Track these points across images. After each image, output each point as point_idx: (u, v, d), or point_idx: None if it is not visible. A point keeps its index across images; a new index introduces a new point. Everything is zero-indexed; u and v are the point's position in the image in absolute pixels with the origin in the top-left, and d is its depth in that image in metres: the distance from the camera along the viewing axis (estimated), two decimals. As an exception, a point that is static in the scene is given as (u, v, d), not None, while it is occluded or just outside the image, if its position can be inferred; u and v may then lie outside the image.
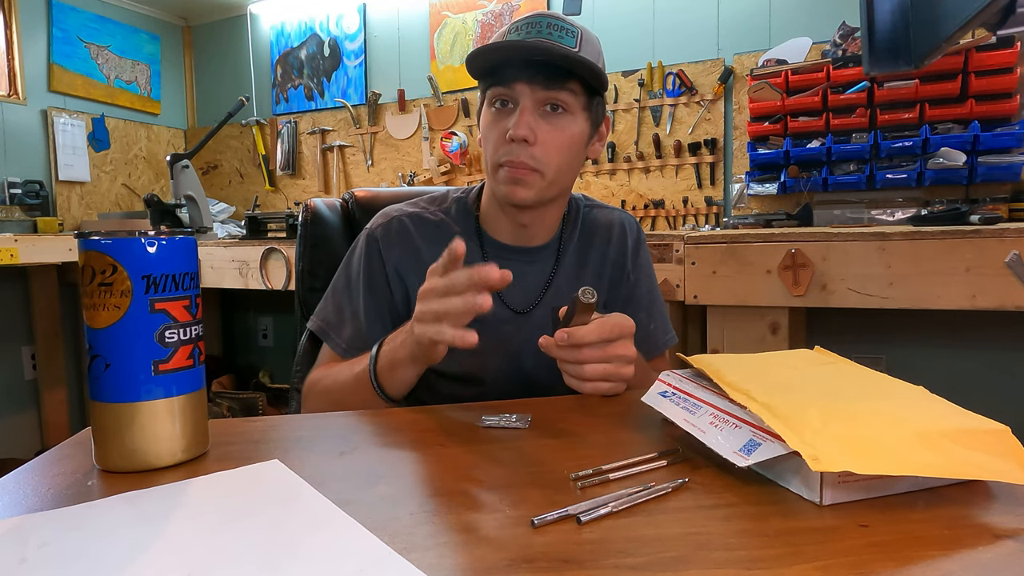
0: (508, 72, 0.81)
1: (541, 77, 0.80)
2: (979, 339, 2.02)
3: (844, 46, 2.12)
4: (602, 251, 0.97)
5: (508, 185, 0.84)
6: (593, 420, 0.66)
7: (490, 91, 0.84)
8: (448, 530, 0.42)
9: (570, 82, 0.82)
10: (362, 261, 0.91)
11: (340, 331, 0.90)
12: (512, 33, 0.82)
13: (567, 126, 0.83)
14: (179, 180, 2.57)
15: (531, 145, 0.81)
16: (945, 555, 0.38)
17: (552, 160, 0.83)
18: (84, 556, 0.39)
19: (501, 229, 0.92)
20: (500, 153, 0.83)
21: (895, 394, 0.55)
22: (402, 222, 0.91)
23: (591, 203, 1.02)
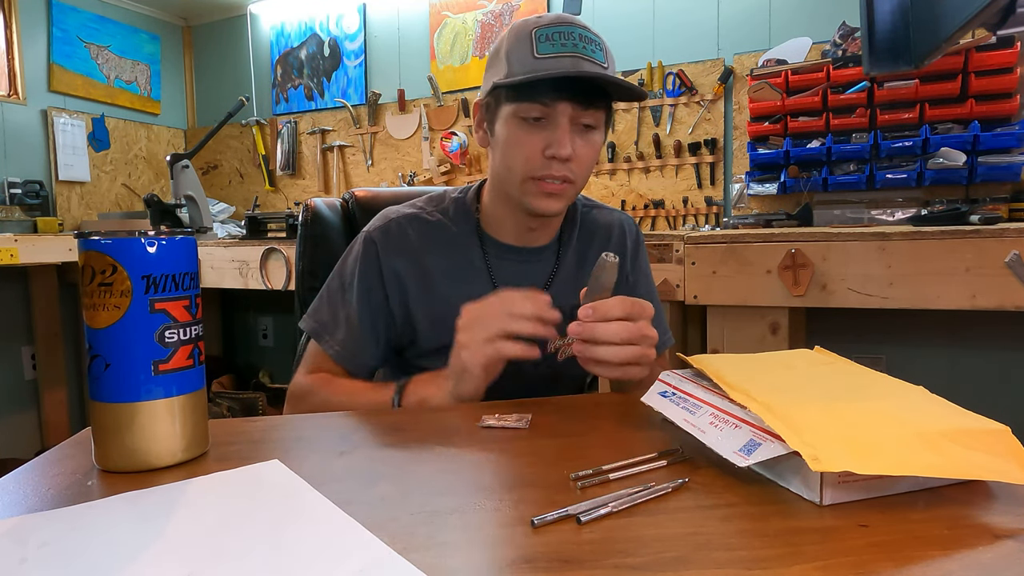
0: (547, 90, 0.80)
1: (582, 98, 0.81)
2: (979, 339, 2.02)
3: (844, 46, 2.12)
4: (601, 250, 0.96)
5: (542, 198, 0.84)
6: (593, 420, 0.66)
7: (520, 104, 0.81)
8: (448, 530, 0.42)
9: (603, 101, 0.83)
10: (359, 264, 0.91)
11: (334, 333, 0.90)
12: (543, 43, 0.80)
13: (596, 141, 0.85)
14: (179, 180, 2.57)
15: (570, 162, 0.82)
16: (945, 555, 0.38)
17: (583, 173, 0.85)
18: (84, 556, 0.39)
19: (505, 231, 0.92)
20: (535, 167, 0.82)
21: (895, 394, 0.55)
22: (400, 224, 0.91)
23: (590, 203, 1.02)
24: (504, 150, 0.85)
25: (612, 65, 0.84)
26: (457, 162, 2.88)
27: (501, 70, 0.82)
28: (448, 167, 2.94)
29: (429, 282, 0.90)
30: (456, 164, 2.90)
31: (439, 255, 0.90)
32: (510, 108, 0.82)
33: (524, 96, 0.81)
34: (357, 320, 0.89)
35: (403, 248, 0.90)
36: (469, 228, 0.93)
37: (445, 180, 2.96)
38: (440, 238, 0.91)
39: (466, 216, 0.94)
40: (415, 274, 0.90)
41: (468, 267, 0.91)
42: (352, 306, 0.90)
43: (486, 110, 0.88)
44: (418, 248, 0.90)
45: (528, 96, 0.80)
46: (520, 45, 0.81)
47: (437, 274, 0.90)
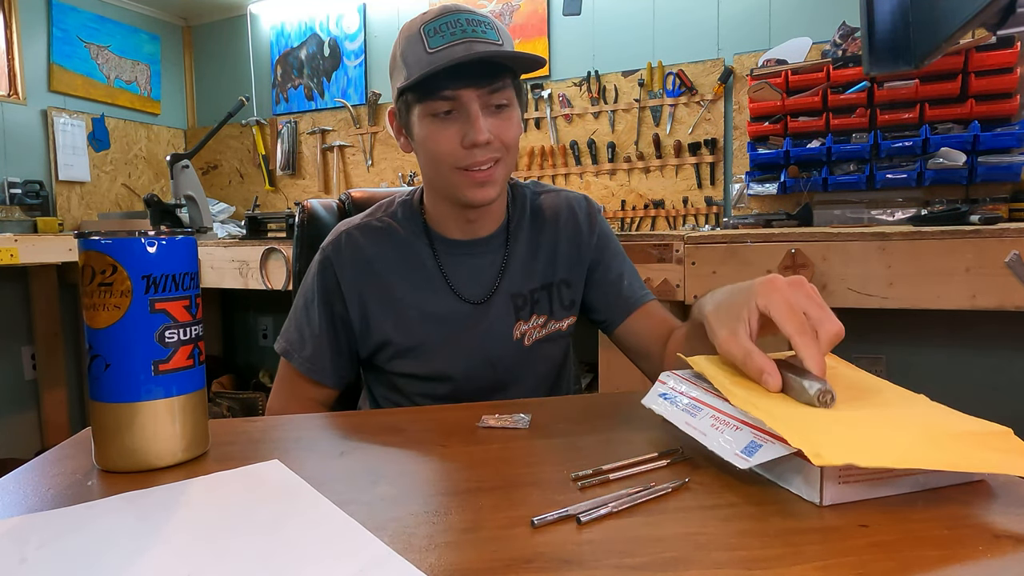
0: (446, 81, 0.79)
1: (483, 79, 0.80)
2: (979, 339, 2.02)
3: (844, 46, 2.12)
4: (553, 234, 0.98)
5: (475, 189, 0.84)
6: (593, 420, 0.66)
7: (427, 103, 0.82)
8: (448, 530, 0.42)
9: (507, 77, 0.83)
10: (316, 281, 0.93)
11: (301, 351, 0.92)
12: (432, 37, 0.79)
13: (512, 115, 0.85)
14: (179, 180, 2.57)
15: (490, 144, 0.82)
16: (945, 555, 0.38)
17: (508, 152, 0.85)
18: (84, 556, 0.39)
19: (449, 226, 0.94)
20: (459, 159, 0.83)
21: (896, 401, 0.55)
22: (351, 235, 0.93)
23: (540, 188, 1.03)
24: (425, 150, 0.86)
25: (507, 41, 0.83)
26: (457, 162, 2.88)
27: (401, 74, 0.83)
28: (448, 167, 2.94)
29: (385, 287, 0.92)
30: (456, 164, 2.90)
31: (391, 259, 0.93)
32: (419, 108, 0.83)
33: (428, 93, 0.81)
34: (321, 335, 0.91)
35: (355, 259, 0.92)
36: (417, 228, 0.94)
37: (445, 180, 2.95)
38: (390, 242, 0.93)
39: (413, 217, 0.95)
40: (371, 282, 0.92)
41: (420, 267, 0.93)
42: (316, 322, 0.92)
43: (399, 117, 0.89)
44: (370, 256, 0.92)
45: (431, 92, 0.81)
46: (412, 44, 0.81)
47: (392, 278, 0.92)
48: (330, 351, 0.92)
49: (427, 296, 0.91)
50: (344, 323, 0.92)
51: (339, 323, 0.92)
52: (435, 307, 0.92)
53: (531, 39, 2.76)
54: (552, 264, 0.97)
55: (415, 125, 0.85)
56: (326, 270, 0.92)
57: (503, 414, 0.65)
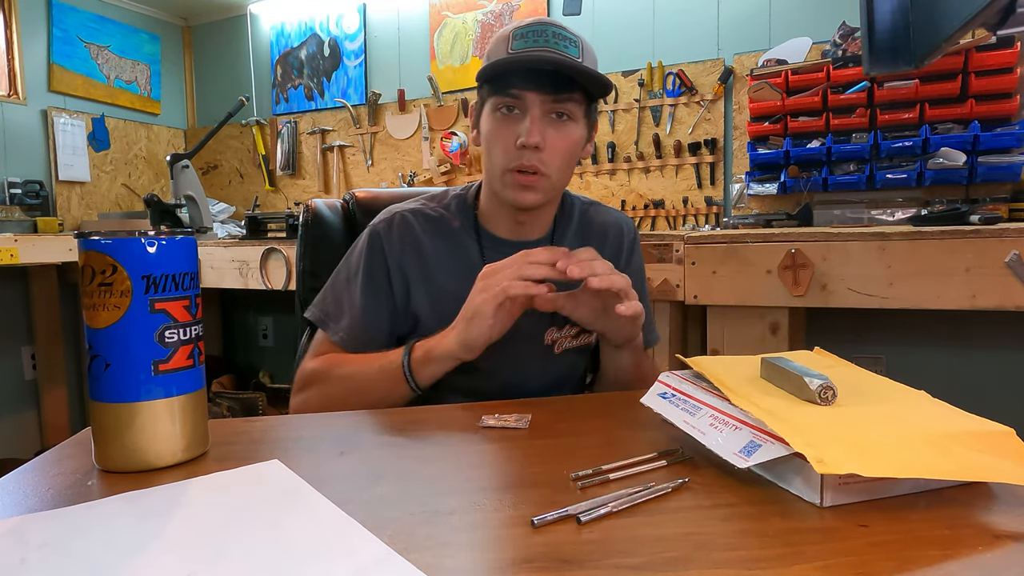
0: (517, 81, 0.84)
1: (550, 87, 0.84)
2: (979, 339, 2.02)
3: (844, 46, 2.12)
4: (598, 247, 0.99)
5: (515, 190, 0.88)
6: (593, 420, 0.66)
7: (496, 97, 0.87)
8: (448, 530, 0.42)
9: (575, 92, 0.85)
10: (363, 256, 0.95)
11: (339, 320, 0.93)
12: (517, 40, 0.84)
13: (571, 132, 0.87)
14: (179, 180, 2.57)
15: (540, 151, 0.85)
16: (945, 555, 0.38)
17: (556, 164, 0.87)
18: (84, 556, 0.39)
19: (499, 225, 0.96)
20: (510, 158, 0.86)
21: (897, 398, 0.55)
22: (404, 217, 0.96)
23: (590, 202, 1.06)
24: (486, 144, 0.90)
25: (590, 60, 0.86)
26: (457, 162, 2.88)
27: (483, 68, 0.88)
28: (448, 167, 2.94)
29: (429, 273, 0.94)
30: (456, 164, 2.90)
31: (439, 247, 0.95)
32: (490, 103, 0.88)
33: (497, 89, 0.86)
34: (361, 309, 0.93)
35: (406, 241, 0.94)
36: (468, 223, 0.97)
37: (445, 180, 2.96)
38: (441, 231, 0.95)
39: (465, 212, 0.98)
40: (417, 266, 0.94)
41: (466, 259, 0.94)
42: (357, 295, 0.93)
43: (477, 111, 0.94)
44: (420, 240, 0.94)
45: (501, 88, 0.86)
46: (499, 43, 0.87)
47: (437, 265, 0.94)
48: (368, 323, 0.93)
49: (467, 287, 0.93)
50: (387, 300, 0.93)
51: (383, 298, 0.93)
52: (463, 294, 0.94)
53: (531, 39, 2.75)
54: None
55: (484, 119, 0.90)
56: (375, 246, 0.94)
57: (503, 414, 0.65)
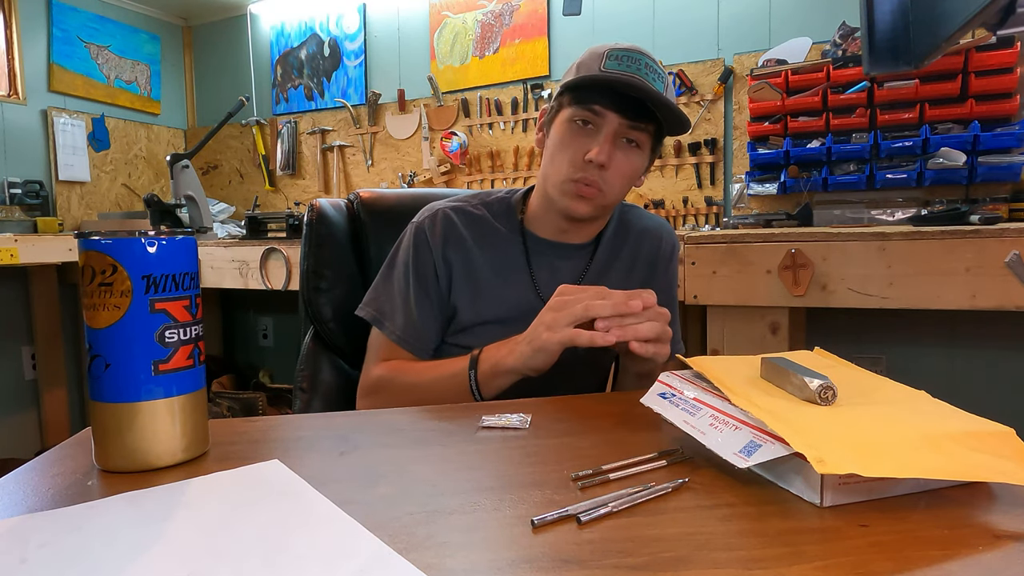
0: (601, 98, 0.87)
1: (631, 112, 0.87)
2: (979, 339, 2.02)
3: (844, 46, 2.12)
4: (634, 250, 1.03)
5: (571, 199, 0.91)
6: (593, 420, 0.66)
7: (575, 108, 0.89)
8: (448, 530, 0.42)
9: (652, 123, 0.89)
10: (410, 252, 0.97)
11: (393, 319, 0.96)
12: (611, 60, 0.87)
13: (635, 161, 0.91)
14: (179, 180, 2.57)
15: (605, 170, 0.88)
16: (945, 555, 0.38)
17: (615, 185, 0.91)
18: (84, 556, 0.39)
19: (545, 228, 0.99)
20: (575, 169, 0.89)
21: (897, 398, 0.55)
22: (447, 214, 0.98)
23: (631, 206, 1.09)
24: (553, 150, 0.92)
25: (671, 97, 0.89)
26: (457, 162, 2.88)
27: (570, 75, 0.91)
28: (448, 167, 2.94)
29: (471, 268, 0.96)
30: (456, 164, 2.90)
31: (482, 244, 0.98)
32: (567, 112, 0.90)
33: (580, 100, 0.89)
34: (415, 305, 0.95)
35: (449, 236, 0.97)
36: (512, 225, 1.00)
37: (445, 180, 2.96)
38: (483, 230, 0.98)
39: (509, 213, 1.01)
40: (460, 260, 0.96)
41: (508, 257, 0.98)
42: (409, 292, 0.96)
43: (549, 113, 0.96)
44: (463, 236, 0.97)
45: (583, 101, 0.88)
46: (592, 58, 0.89)
47: (479, 261, 0.96)
48: (421, 320, 0.95)
49: (507, 284, 0.96)
50: (436, 294, 0.96)
51: (432, 293, 0.96)
52: (512, 296, 0.96)
53: (531, 39, 2.76)
54: (626, 279, 1.01)
55: (556, 124, 0.92)
56: (419, 242, 0.97)
57: (503, 414, 0.65)
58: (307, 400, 1.09)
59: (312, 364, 1.11)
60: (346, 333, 1.11)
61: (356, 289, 1.12)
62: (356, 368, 1.13)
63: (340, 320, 1.11)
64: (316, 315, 1.11)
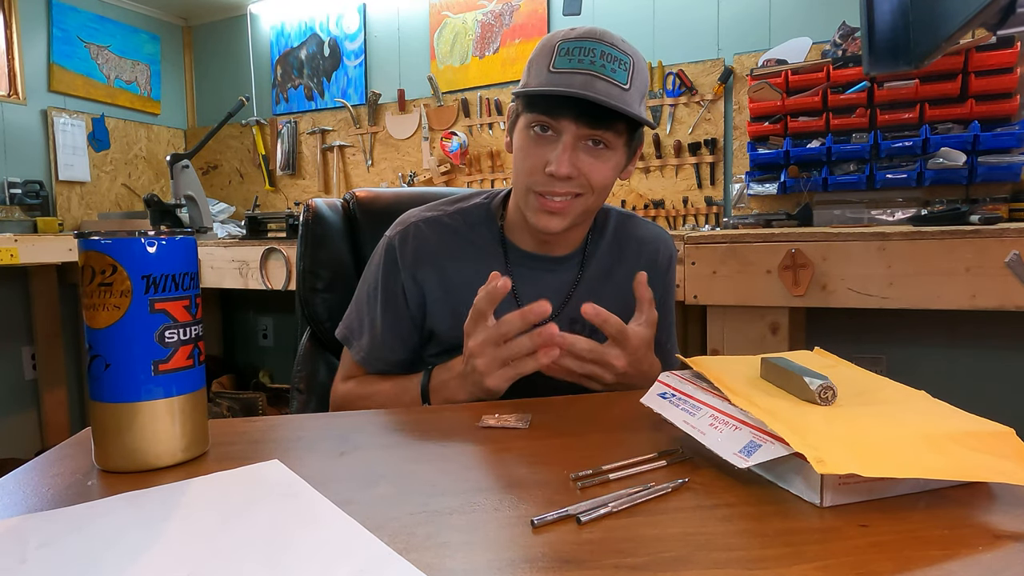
0: (553, 105, 0.79)
1: (587, 118, 0.79)
2: (979, 339, 2.02)
3: (844, 46, 2.12)
4: (632, 262, 0.96)
5: (540, 215, 0.84)
6: (593, 420, 0.66)
7: (529, 115, 0.82)
8: (448, 530, 0.42)
9: (616, 122, 0.80)
10: (380, 272, 0.92)
11: (360, 339, 0.92)
12: (561, 57, 0.78)
13: (607, 160, 0.83)
14: (179, 180, 2.58)
15: (573, 179, 0.81)
16: (945, 555, 0.38)
17: (593, 188, 0.83)
18: (84, 556, 0.39)
19: (525, 239, 0.92)
20: (535, 181, 0.82)
21: (897, 398, 0.55)
22: (419, 228, 0.92)
23: (628, 215, 1.01)
24: (515, 159, 0.86)
25: (639, 84, 0.81)
26: (457, 162, 2.88)
27: (523, 78, 0.83)
28: (448, 167, 2.94)
29: (447, 286, 0.90)
30: (456, 164, 2.90)
31: (459, 260, 0.91)
32: (523, 118, 0.83)
33: (533, 108, 0.81)
34: (380, 325, 0.91)
35: (421, 254, 0.90)
36: (492, 235, 0.93)
37: (445, 180, 2.96)
38: (460, 244, 0.91)
39: (489, 222, 0.94)
40: (434, 279, 0.90)
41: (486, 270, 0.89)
42: (376, 312, 0.91)
43: (511, 117, 0.89)
44: (437, 253, 0.91)
45: (537, 108, 0.80)
46: (542, 56, 0.81)
47: (457, 279, 0.90)
48: (385, 341, 0.91)
49: None
50: (405, 315, 0.91)
51: (400, 314, 0.91)
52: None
53: (531, 39, 2.76)
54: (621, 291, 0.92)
55: (516, 131, 0.86)
56: (389, 260, 0.91)
57: (503, 414, 0.65)
58: (304, 400, 1.09)
59: (309, 364, 1.11)
60: (346, 333, 1.11)
61: (352, 289, 1.12)
62: (355, 368, 1.13)
63: (336, 320, 1.10)
64: (312, 315, 1.11)
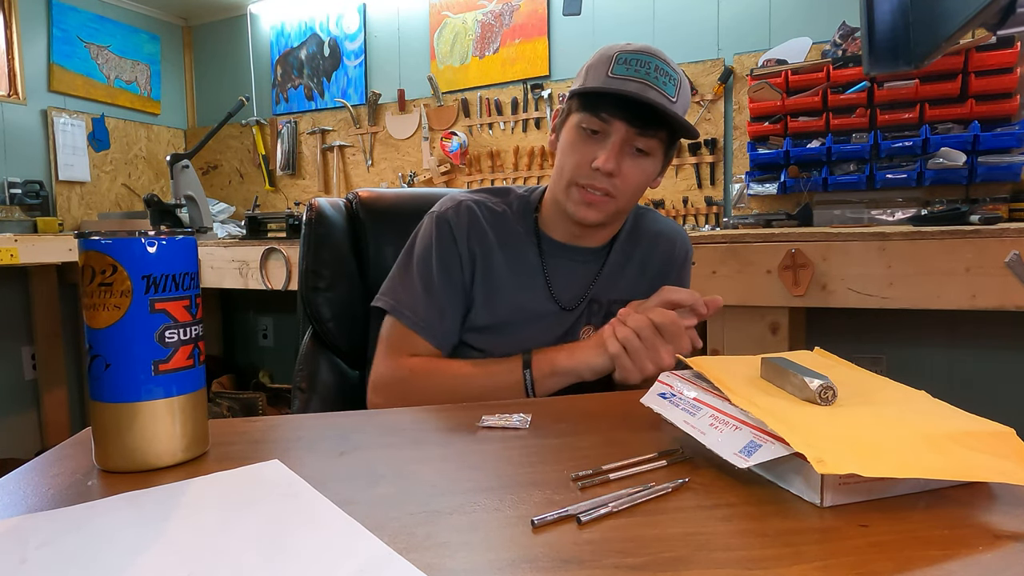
0: (608, 106, 0.86)
1: (639, 122, 0.86)
2: (979, 339, 2.02)
3: (844, 46, 2.12)
4: (647, 253, 1.02)
5: (580, 206, 0.90)
6: (593, 420, 0.66)
7: (583, 115, 0.88)
8: (448, 530, 0.42)
9: (661, 130, 0.88)
10: (433, 241, 0.95)
11: (413, 307, 0.93)
12: (620, 65, 0.85)
13: (646, 167, 0.90)
14: (179, 180, 2.58)
15: (613, 177, 0.88)
16: (945, 555, 0.38)
17: (626, 192, 0.90)
18: (84, 556, 0.39)
19: (557, 230, 0.98)
20: (580, 175, 0.89)
21: (897, 398, 0.55)
22: (470, 207, 0.97)
23: (645, 209, 1.07)
24: (561, 154, 0.92)
25: (683, 101, 0.88)
26: (457, 162, 2.88)
27: (579, 80, 0.90)
28: (448, 167, 2.94)
29: (490, 265, 0.96)
30: (456, 164, 2.90)
31: (500, 243, 0.97)
32: (576, 117, 0.90)
33: (587, 108, 0.88)
34: (440, 292, 0.93)
35: (473, 229, 0.96)
36: (528, 227, 0.99)
37: (445, 180, 2.96)
38: (503, 228, 0.98)
39: (527, 213, 1.00)
40: (481, 255, 0.95)
41: (524, 260, 0.97)
42: (432, 280, 0.93)
43: (560, 116, 0.95)
44: (485, 231, 0.96)
45: (591, 108, 0.87)
46: (600, 63, 0.88)
47: (498, 259, 0.96)
48: (443, 307, 0.93)
49: (523, 286, 0.96)
50: (460, 284, 0.95)
51: (456, 283, 0.94)
52: (526, 299, 0.96)
53: (531, 39, 2.76)
54: (636, 282, 1.00)
55: (566, 129, 0.92)
56: (443, 231, 0.95)
57: (503, 414, 0.65)
58: (306, 400, 1.09)
59: (311, 364, 1.11)
60: (345, 333, 1.11)
61: (355, 289, 1.12)
62: (355, 368, 1.13)
63: (339, 320, 1.11)
64: (315, 315, 1.11)
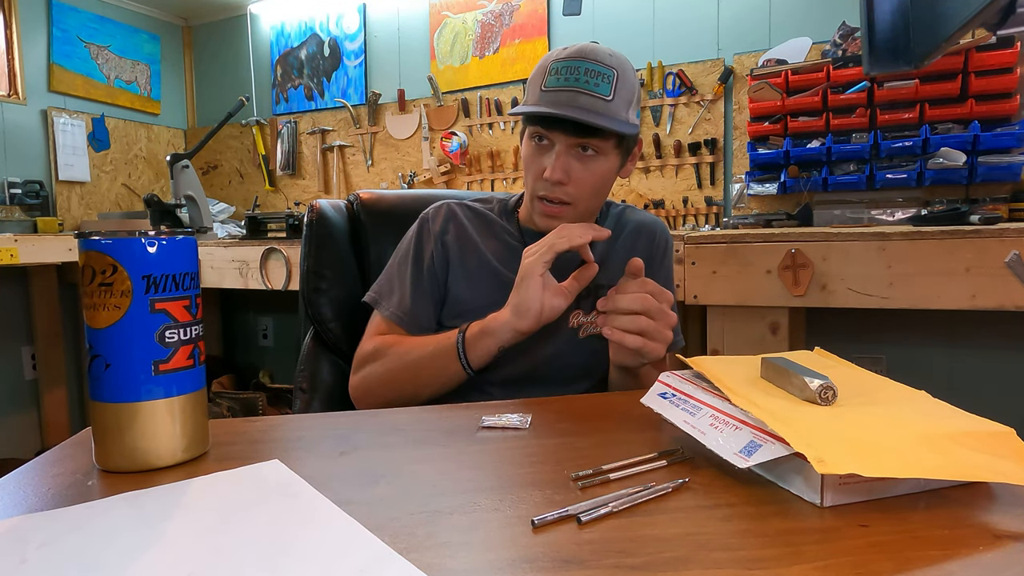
0: (545, 121, 0.90)
1: (572, 129, 0.88)
2: (979, 339, 2.02)
3: (844, 46, 2.12)
4: (630, 242, 1.05)
5: (543, 218, 0.95)
6: (593, 420, 0.66)
7: (531, 127, 0.93)
8: (448, 530, 0.42)
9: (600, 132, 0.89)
10: (413, 237, 1.02)
11: (390, 299, 0.99)
12: (551, 76, 0.88)
13: (599, 165, 0.92)
14: (179, 180, 2.57)
15: (564, 185, 0.91)
16: (945, 555, 0.38)
17: (583, 195, 0.93)
18: (84, 556, 0.39)
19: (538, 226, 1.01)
20: (538, 186, 0.93)
21: (897, 398, 0.55)
22: (451, 206, 1.04)
23: (624, 206, 1.11)
24: (524, 166, 0.97)
25: (624, 92, 0.89)
26: (457, 162, 2.88)
27: (523, 96, 0.96)
28: (448, 167, 2.94)
29: (470, 251, 1.00)
30: (456, 164, 2.90)
31: (483, 235, 1.02)
32: (528, 130, 0.95)
33: (529, 122, 0.93)
34: (410, 285, 0.99)
35: (451, 224, 1.02)
36: (512, 224, 1.04)
37: (445, 180, 2.96)
38: (486, 225, 1.03)
39: (509, 215, 1.06)
40: (457, 245, 1.00)
41: (507, 247, 1.01)
42: (407, 271, 1.00)
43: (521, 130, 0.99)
44: (465, 225, 1.02)
45: (532, 123, 0.92)
46: (537, 76, 0.92)
47: (480, 247, 1.00)
48: (416, 297, 0.98)
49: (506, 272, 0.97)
50: (431, 273, 0.99)
51: (428, 272, 0.99)
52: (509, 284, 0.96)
53: (531, 39, 2.76)
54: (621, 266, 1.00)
55: (524, 141, 0.96)
56: (423, 228, 1.02)
57: (503, 414, 0.65)
58: (307, 400, 1.09)
59: (312, 364, 1.11)
60: (346, 333, 1.11)
61: (356, 290, 1.12)
62: (356, 368, 1.13)
63: (340, 320, 1.11)
64: (316, 315, 1.11)
